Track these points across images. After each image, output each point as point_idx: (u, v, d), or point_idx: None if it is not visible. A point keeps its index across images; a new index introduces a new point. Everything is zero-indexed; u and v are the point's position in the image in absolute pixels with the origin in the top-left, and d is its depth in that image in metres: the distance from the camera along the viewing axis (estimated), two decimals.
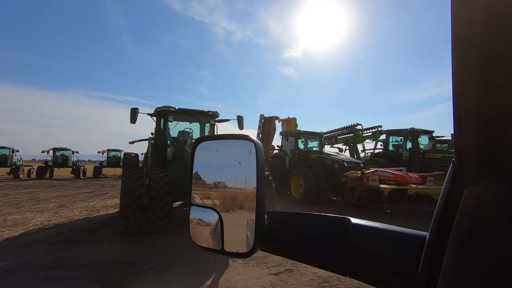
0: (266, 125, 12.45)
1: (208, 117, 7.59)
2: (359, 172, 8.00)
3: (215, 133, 8.12)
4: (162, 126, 7.20)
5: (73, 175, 23.56)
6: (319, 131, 12.24)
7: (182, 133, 7.75)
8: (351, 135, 13.86)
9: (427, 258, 0.43)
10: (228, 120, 8.02)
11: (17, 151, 22.49)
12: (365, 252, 0.52)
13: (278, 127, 13.65)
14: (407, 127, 11.48)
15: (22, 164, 22.82)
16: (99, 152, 25.43)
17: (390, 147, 12.13)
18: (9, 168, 21.29)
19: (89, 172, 24.61)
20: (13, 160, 21.73)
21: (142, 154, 9.94)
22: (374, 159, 11.52)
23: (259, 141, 0.64)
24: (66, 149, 23.87)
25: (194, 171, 0.72)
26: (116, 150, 26.23)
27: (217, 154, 0.70)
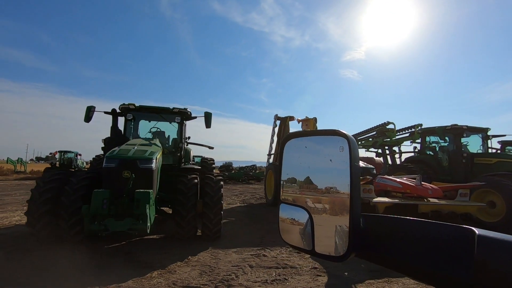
0: (282, 126, 11.53)
1: (174, 115, 6.60)
2: None
3: (185, 132, 6.98)
4: (123, 125, 6.52)
5: None
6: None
7: (154, 133, 6.93)
8: (381, 137, 11.69)
9: None
10: (195, 117, 6.97)
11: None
12: (497, 273, 0.42)
13: (296, 127, 12.46)
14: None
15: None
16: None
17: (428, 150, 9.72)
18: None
19: None
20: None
21: None
22: (405, 165, 9.28)
23: (352, 137, 0.61)
24: (71, 152, 24.11)
25: (283, 168, 0.72)
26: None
27: (306, 150, 0.69)
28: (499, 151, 9.88)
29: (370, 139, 12.02)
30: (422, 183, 5.97)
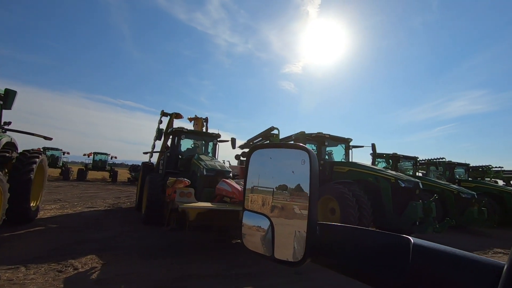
0: (170, 122, 10.81)
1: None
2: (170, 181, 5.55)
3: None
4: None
5: (62, 176, 23.14)
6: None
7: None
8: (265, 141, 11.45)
9: None
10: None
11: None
12: (429, 278, 0.48)
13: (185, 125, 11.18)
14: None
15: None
16: (84, 155, 24.94)
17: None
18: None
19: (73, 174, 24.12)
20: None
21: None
22: None
23: (313, 152, 0.65)
24: (57, 149, 23.93)
25: (248, 178, 0.75)
26: (103, 154, 25.65)
27: (271, 162, 0.72)
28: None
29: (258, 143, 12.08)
30: None
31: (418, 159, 12.25)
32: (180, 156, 8.67)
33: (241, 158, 14.86)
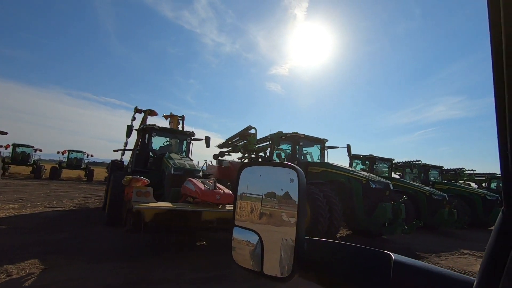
0: (144, 119, 10.46)
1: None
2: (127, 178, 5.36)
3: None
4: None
5: (33, 175, 22.01)
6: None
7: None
8: (242, 140, 11.61)
9: None
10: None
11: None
12: None
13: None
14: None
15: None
16: (58, 152, 23.78)
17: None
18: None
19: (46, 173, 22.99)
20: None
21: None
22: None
23: (301, 170, 0.68)
24: (28, 146, 22.76)
25: (238, 194, 0.77)
26: (78, 151, 24.53)
27: (260, 179, 0.74)
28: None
29: (236, 142, 11.80)
30: (219, 187, 5.31)
31: (394, 161, 12.40)
32: (152, 155, 8.38)
33: (219, 158, 14.58)
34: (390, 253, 0.56)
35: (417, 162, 14.32)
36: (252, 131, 11.07)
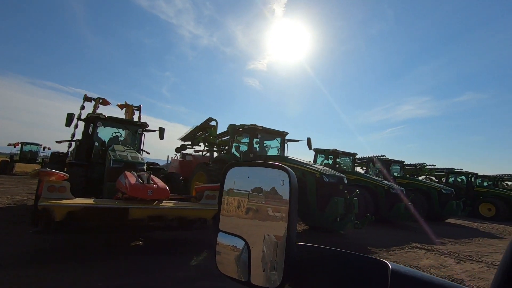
0: (95, 107, 9.85)
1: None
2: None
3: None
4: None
5: None
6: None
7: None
8: (202, 132, 11.30)
9: None
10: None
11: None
12: None
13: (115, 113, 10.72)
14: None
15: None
16: (10, 145, 21.81)
17: None
18: None
19: None
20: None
21: None
22: (204, 164, 9.11)
23: (293, 172, 0.63)
24: None
25: (223, 196, 0.71)
26: (33, 144, 22.65)
27: (248, 181, 0.69)
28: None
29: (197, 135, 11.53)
30: (154, 180, 4.85)
31: (357, 156, 12.48)
32: (101, 147, 7.80)
33: (182, 152, 13.94)
34: (387, 262, 0.54)
35: (380, 157, 14.58)
36: (213, 123, 10.69)
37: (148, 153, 10.87)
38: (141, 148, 8.67)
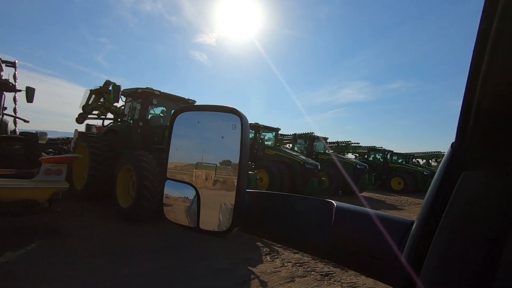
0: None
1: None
2: None
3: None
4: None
5: None
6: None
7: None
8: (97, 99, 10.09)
9: (414, 243, 0.43)
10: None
11: None
12: (348, 237, 0.52)
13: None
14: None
15: None
16: None
17: None
18: None
19: None
20: None
21: None
22: (92, 134, 8.22)
23: (245, 116, 0.61)
24: None
25: (171, 144, 0.68)
26: None
27: (198, 126, 0.66)
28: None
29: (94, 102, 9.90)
30: None
31: (279, 131, 12.23)
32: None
33: (86, 123, 11.95)
34: (333, 201, 0.56)
35: (307, 134, 14.63)
36: (111, 87, 9.11)
37: (27, 121, 8.92)
38: (1, 111, 6.85)
